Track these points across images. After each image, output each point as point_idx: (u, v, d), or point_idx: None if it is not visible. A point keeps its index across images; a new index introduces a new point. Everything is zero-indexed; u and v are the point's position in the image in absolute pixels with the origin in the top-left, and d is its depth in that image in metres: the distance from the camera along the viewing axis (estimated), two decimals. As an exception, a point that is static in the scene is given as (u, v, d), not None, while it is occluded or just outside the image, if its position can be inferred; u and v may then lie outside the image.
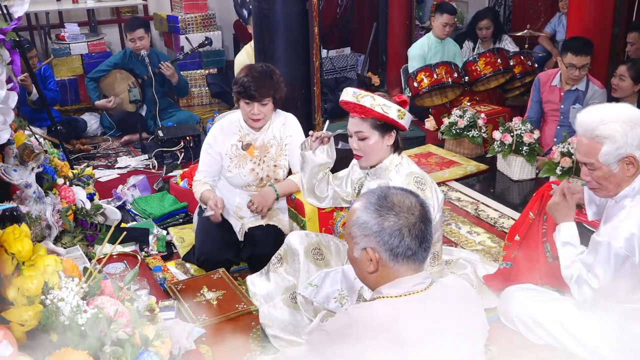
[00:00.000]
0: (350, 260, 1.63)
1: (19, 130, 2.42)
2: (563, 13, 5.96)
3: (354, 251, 1.58)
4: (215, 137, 3.05)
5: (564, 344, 2.36)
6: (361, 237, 1.54)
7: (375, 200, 1.55)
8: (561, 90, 4.22)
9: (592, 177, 2.14)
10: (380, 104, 2.34)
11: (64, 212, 2.47)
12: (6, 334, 1.32)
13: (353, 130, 2.43)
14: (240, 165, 3.01)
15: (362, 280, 1.65)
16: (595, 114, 2.10)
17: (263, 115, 2.91)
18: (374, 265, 1.55)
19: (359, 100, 2.36)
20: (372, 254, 1.53)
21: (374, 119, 2.37)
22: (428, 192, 2.37)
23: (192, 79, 6.23)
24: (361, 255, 1.56)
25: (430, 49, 5.46)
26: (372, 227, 1.52)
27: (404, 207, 1.53)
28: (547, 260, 2.60)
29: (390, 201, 1.54)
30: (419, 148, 4.72)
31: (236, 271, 3.03)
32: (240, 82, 2.85)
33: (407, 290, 1.53)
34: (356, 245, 1.56)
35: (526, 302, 2.48)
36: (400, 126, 2.40)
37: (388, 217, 1.52)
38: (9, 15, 1.87)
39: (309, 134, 2.68)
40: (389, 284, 1.54)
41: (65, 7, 6.12)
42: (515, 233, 2.71)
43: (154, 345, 1.59)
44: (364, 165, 2.50)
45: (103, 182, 4.25)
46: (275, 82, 2.89)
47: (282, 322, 2.51)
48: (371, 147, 2.41)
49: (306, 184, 2.74)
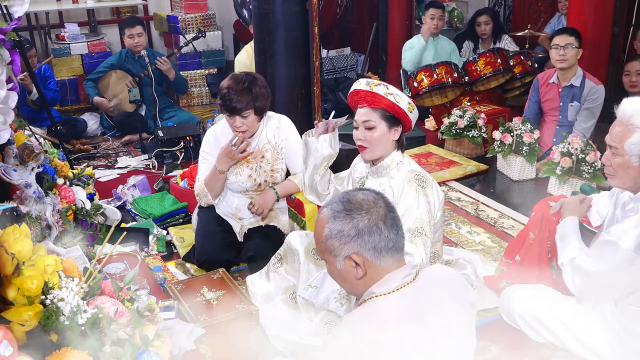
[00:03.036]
0: (334, 276, 1.60)
1: (19, 130, 2.42)
2: (562, 14, 5.98)
3: (336, 264, 1.54)
4: (209, 144, 3.04)
5: (566, 343, 2.35)
6: (340, 246, 1.51)
7: (341, 207, 1.53)
8: (559, 87, 4.24)
9: (612, 162, 2.17)
10: (393, 93, 2.35)
11: (64, 212, 2.47)
12: (6, 334, 1.31)
13: (361, 120, 2.42)
14: (238, 173, 3.00)
15: (352, 291, 1.61)
16: (637, 104, 2.12)
17: (246, 127, 2.89)
18: (362, 269, 1.52)
19: (372, 89, 2.36)
20: (357, 258, 1.51)
21: (384, 109, 2.37)
22: (429, 190, 2.37)
23: (192, 79, 6.24)
24: (345, 265, 1.53)
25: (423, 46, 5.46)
26: (350, 232, 1.50)
27: (371, 203, 1.54)
28: (551, 277, 2.59)
29: (356, 202, 1.54)
30: (419, 148, 4.72)
31: (236, 271, 3.02)
32: (221, 94, 2.84)
33: (398, 284, 1.52)
34: (337, 257, 1.53)
35: (528, 300, 2.48)
36: (408, 121, 2.41)
37: (361, 218, 1.51)
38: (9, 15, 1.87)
39: (315, 123, 2.67)
40: (378, 282, 1.53)
41: (65, 7, 6.13)
42: (514, 252, 2.66)
43: (154, 345, 1.59)
44: (368, 158, 2.49)
45: (103, 182, 4.25)
46: (255, 94, 2.83)
47: (282, 322, 2.51)
48: (377, 138, 2.40)
49: (307, 180, 2.72)
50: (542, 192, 3.88)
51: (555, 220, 2.54)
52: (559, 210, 2.54)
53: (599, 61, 4.36)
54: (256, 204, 2.97)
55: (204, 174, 3.03)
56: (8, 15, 1.87)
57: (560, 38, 4.07)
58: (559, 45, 4.07)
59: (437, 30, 5.49)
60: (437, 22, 5.44)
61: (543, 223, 2.59)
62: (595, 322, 2.29)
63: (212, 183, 2.97)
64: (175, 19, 6.17)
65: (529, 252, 2.62)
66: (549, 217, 2.57)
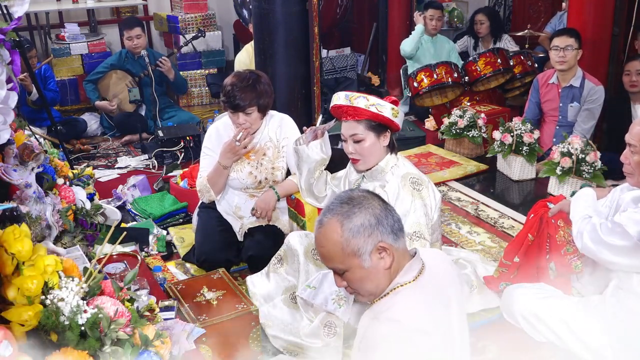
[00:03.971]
0: (362, 279, 1.53)
1: (19, 130, 2.42)
2: (565, 12, 5.97)
3: (363, 263, 1.50)
4: (211, 140, 3.04)
5: (566, 342, 2.35)
6: (365, 240, 1.49)
7: (347, 206, 1.52)
8: (558, 87, 4.24)
9: (631, 160, 2.20)
10: (375, 104, 2.33)
11: (64, 212, 2.47)
12: (6, 334, 1.31)
13: (348, 134, 2.40)
14: (238, 169, 3.01)
15: (376, 289, 1.56)
16: None
17: (249, 124, 2.89)
18: (390, 256, 1.51)
19: (353, 103, 2.34)
20: (384, 245, 1.50)
21: (368, 120, 2.36)
22: (424, 193, 2.37)
23: (192, 79, 6.23)
24: (372, 259, 1.50)
25: (421, 45, 5.51)
26: (371, 222, 1.49)
27: (366, 194, 1.56)
28: (550, 279, 2.59)
29: (357, 197, 1.55)
30: (419, 148, 4.72)
31: (236, 271, 3.03)
32: (225, 91, 2.85)
33: (416, 272, 1.55)
34: (363, 255, 1.49)
35: (530, 299, 2.48)
36: (394, 125, 2.39)
37: (372, 205, 1.52)
38: (9, 15, 1.87)
39: (303, 129, 2.67)
40: (401, 272, 1.55)
41: (65, 7, 6.13)
42: (513, 254, 2.66)
43: (154, 345, 1.59)
44: (362, 169, 2.48)
45: (103, 182, 4.25)
46: (259, 91, 2.84)
47: (282, 322, 2.51)
48: (367, 149, 2.40)
49: (304, 184, 2.73)
50: (542, 192, 3.88)
51: (554, 223, 2.55)
52: (557, 212, 2.54)
53: (599, 61, 4.36)
54: (258, 208, 2.98)
55: (206, 170, 3.03)
56: (8, 15, 1.87)
57: (559, 40, 4.07)
58: (558, 47, 4.07)
59: (436, 31, 5.56)
60: (436, 23, 5.51)
61: (542, 225, 2.59)
62: (597, 321, 2.29)
63: (215, 179, 2.97)
64: (175, 19, 6.17)
65: (528, 253, 2.62)
66: (548, 219, 2.57)
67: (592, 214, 2.30)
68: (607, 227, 2.16)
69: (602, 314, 2.29)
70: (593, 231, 2.20)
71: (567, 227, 2.51)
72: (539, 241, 2.59)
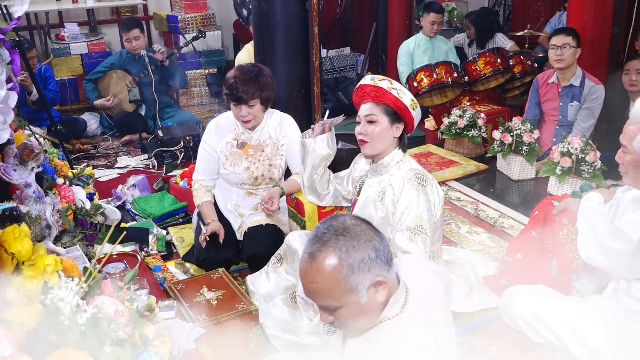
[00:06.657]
0: (356, 316, 1.42)
1: (19, 130, 2.42)
2: (565, 11, 5.97)
3: (360, 300, 1.38)
4: (211, 133, 3.07)
5: (566, 343, 2.35)
6: (365, 276, 1.37)
7: (345, 240, 1.37)
8: (559, 87, 4.24)
9: (624, 160, 2.21)
10: (397, 89, 2.40)
11: (64, 212, 2.47)
12: (6, 334, 1.31)
13: (364, 114, 2.44)
14: (235, 164, 3.02)
15: (368, 324, 1.46)
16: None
17: (252, 117, 2.92)
18: (385, 289, 1.41)
19: (377, 83, 2.42)
20: (382, 280, 1.40)
21: (387, 105, 2.40)
22: (429, 189, 2.38)
23: (192, 79, 6.24)
24: (369, 295, 1.39)
25: (419, 47, 5.57)
26: (371, 256, 1.38)
27: (359, 222, 1.43)
28: (552, 277, 2.59)
29: (349, 226, 1.40)
30: (419, 148, 4.72)
31: (236, 271, 3.03)
32: (228, 84, 2.87)
33: (402, 302, 1.46)
34: (360, 292, 1.37)
35: (529, 300, 2.48)
36: (410, 119, 2.43)
37: (369, 237, 1.39)
38: (9, 15, 1.87)
39: (312, 127, 2.70)
40: (387, 307, 1.45)
41: (65, 7, 6.13)
42: (516, 251, 2.67)
43: (154, 345, 1.59)
44: (368, 153, 2.49)
45: (103, 182, 4.25)
46: (262, 84, 2.87)
47: (282, 322, 2.51)
48: (378, 133, 2.42)
49: (307, 180, 2.74)
50: (542, 192, 3.88)
51: (558, 221, 2.54)
52: (562, 211, 2.54)
53: (599, 61, 4.36)
54: (262, 200, 2.98)
55: (201, 164, 3.08)
56: (8, 15, 1.87)
57: (557, 38, 4.08)
58: (556, 46, 4.08)
59: (436, 34, 5.61)
60: (437, 27, 5.56)
61: (546, 222, 2.59)
62: (596, 323, 2.29)
63: (202, 212, 3.02)
64: (175, 19, 6.18)
65: (531, 250, 2.63)
66: (553, 217, 2.56)
67: (598, 222, 2.29)
68: (609, 233, 2.16)
69: (601, 315, 2.28)
70: (596, 240, 2.21)
71: (572, 225, 2.51)
72: (542, 238, 2.60)
